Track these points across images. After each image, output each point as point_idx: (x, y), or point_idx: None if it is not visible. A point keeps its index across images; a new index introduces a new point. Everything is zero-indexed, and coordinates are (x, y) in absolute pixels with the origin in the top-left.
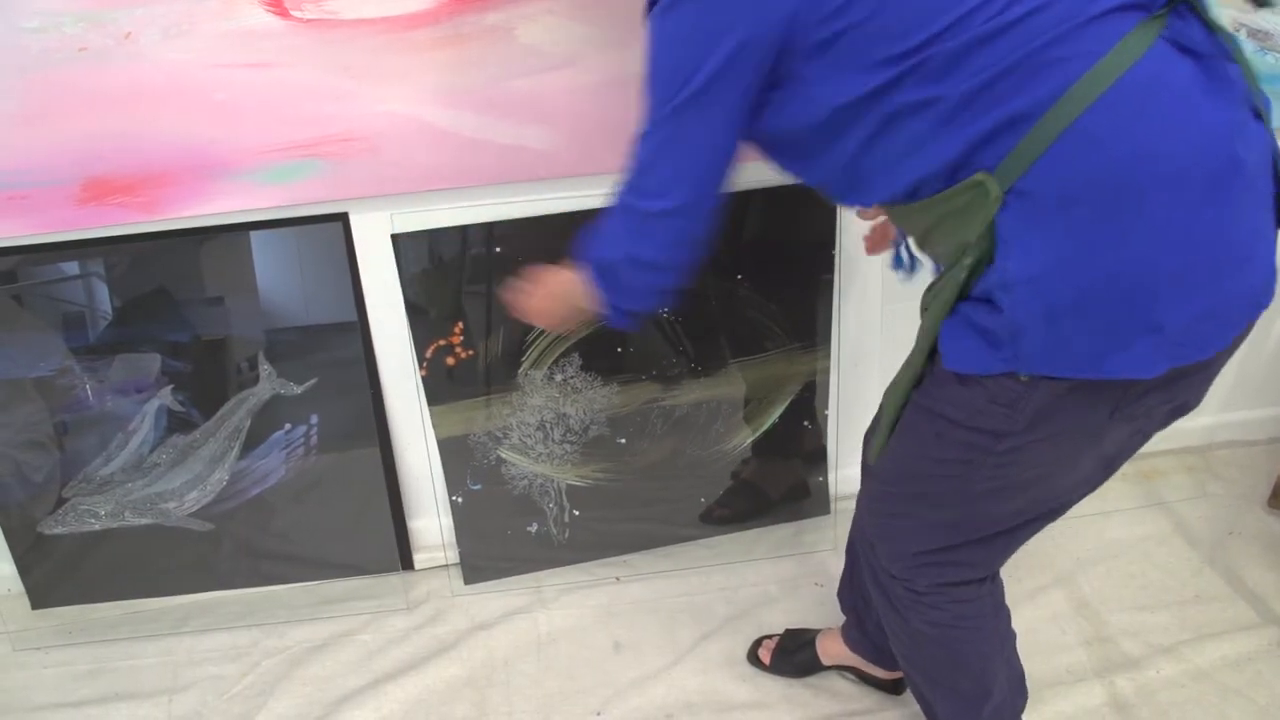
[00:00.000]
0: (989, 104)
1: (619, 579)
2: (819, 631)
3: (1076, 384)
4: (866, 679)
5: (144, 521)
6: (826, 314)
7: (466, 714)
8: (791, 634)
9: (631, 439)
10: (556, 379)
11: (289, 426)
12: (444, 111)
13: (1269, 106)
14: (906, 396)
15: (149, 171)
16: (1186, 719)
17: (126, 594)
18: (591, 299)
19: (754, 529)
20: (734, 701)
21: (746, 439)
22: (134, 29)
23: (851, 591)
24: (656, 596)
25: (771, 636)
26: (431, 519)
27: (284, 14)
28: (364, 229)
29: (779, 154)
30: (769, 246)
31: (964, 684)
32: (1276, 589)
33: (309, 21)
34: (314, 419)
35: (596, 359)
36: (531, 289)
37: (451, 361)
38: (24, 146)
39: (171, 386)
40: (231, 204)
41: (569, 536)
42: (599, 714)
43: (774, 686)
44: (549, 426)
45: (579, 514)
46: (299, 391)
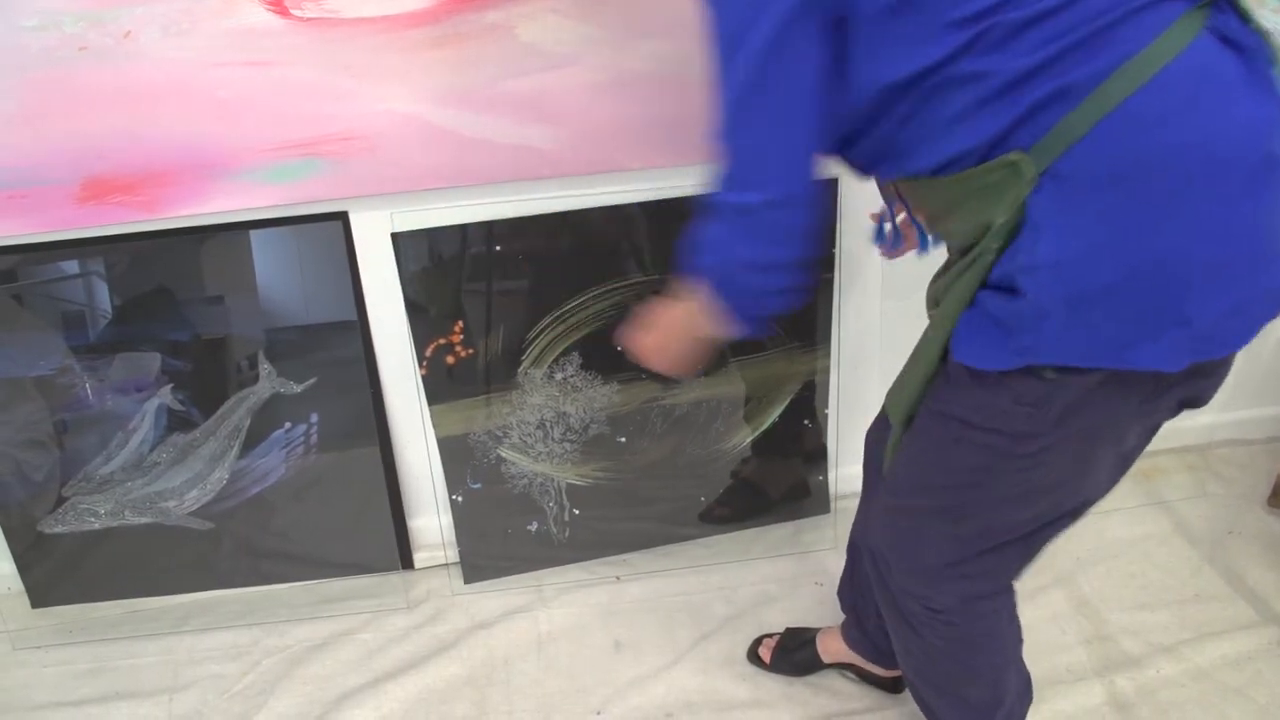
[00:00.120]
0: (1040, 81)
1: (619, 578)
2: (819, 630)
3: (1106, 378)
4: (866, 677)
5: (144, 520)
6: (826, 313)
7: (466, 713)
8: (791, 633)
9: (631, 438)
10: (556, 378)
11: (289, 425)
12: (444, 110)
13: None
14: (918, 400)
15: (149, 170)
16: (1187, 718)
17: (126, 593)
18: (711, 313)
19: (754, 528)
20: (734, 700)
21: (746, 438)
22: (134, 28)
23: (852, 590)
24: (656, 596)
25: (771, 635)
26: (431, 518)
27: (284, 13)
28: (364, 228)
29: None
30: None
31: (975, 694)
32: (1276, 588)
33: (309, 20)
34: (314, 418)
35: (596, 358)
36: (646, 329)
37: (451, 360)
38: (24, 145)
39: (171, 385)
40: (231, 203)
41: (569, 535)
42: (599, 713)
43: (774, 685)
44: (549, 425)
45: (579, 513)
46: (299, 390)
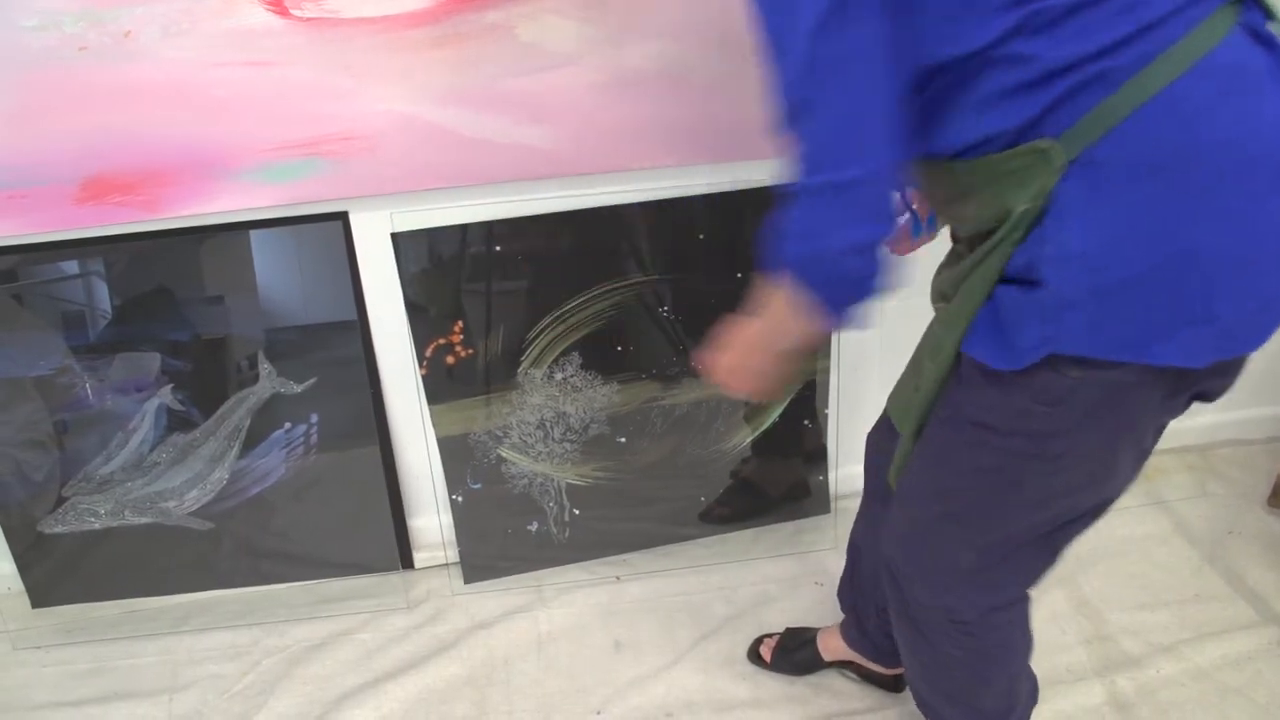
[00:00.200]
0: (1081, 67)
1: (619, 578)
2: (819, 629)
3: (1128, 375)
4: (867, 675)
5: (144, 520)
6: None
7: (466, 713)
8: (792, 632)
9: (632, 438)
10: (556, 378)
11: (289, 425)
12: (444, 110)
13: None
14: (932, 403)
15: (148, 170)
16: (1187, 718)
17: (126, 593)
18: (801, 313)
19: (754, 528)
20: (734, 700)
21: (746, 438)
22: (134, 27)
23: (851, 590)
24: (656, 596)
25: (772, 635)
26: (431, 518)
27: (284, 13)
28: (364, 228)
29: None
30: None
31: (990, 703)
32: (1276, 588)
33: (309, 20)
34: (314, 418)
35: (596, 358)
36: (722, 349)
37: (451, 360)
38: (23, 145)
39: (171, 385)
40: (231, 203)
41: (569, 535)
42: (599, 713)
43: (774, 685)
44: (549, 425)
45: (579, 513)
46: (299, 390)
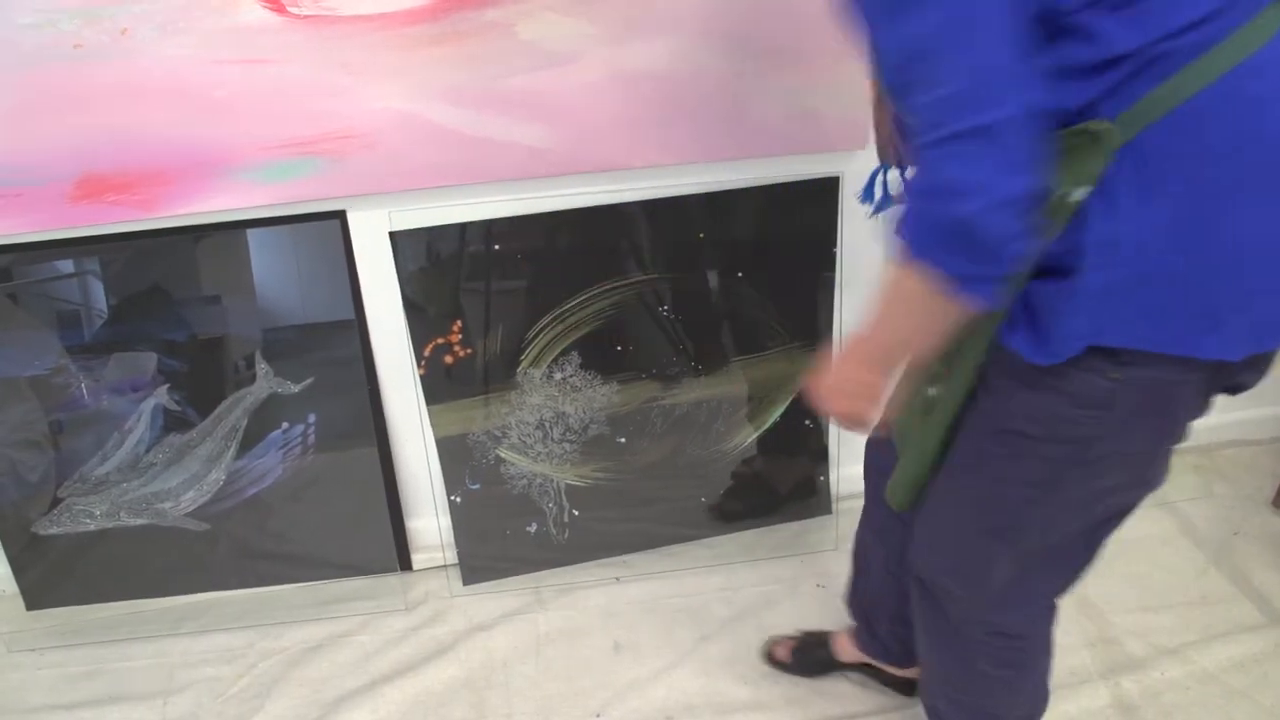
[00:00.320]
0: (1144, 52)
1: (618, 579)
2: (834, 631)
3: (1170, 371)
4: (883, 678)
5: (140, 522)
6: (828, 312)
7: (465, 715)
8: (808, 633)
9: (631, 438)
10: (555, 378)
11: (286, 426)
12: (442, 108)
13: None
14: (953, 421)
15: (145, 169)
16: None
17: (122, 595)
18: (933, 292)
19: (755, 529)
20: (734, 703)
21: (747, 438)
22: (130, 25)
23: (861, 598)
24: (656, 597)
25: (784, 637)
26: (430, 519)
27: (281, 10)
28: (362, 226)
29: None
30: (770, 243)
31: (1013, 712)
32: None
33: (306, 18)
34: (311, 418)
35: (596, 357)
36: (828, 368)
37: (450, 360)
38: (18, 144)
39: (168, 385)
40: (228, 201)
41: (568, 537)
42: (598, 715)
43: (774, 688)
44: (548, 425)
45: (578, 514)
46: (296, 390)
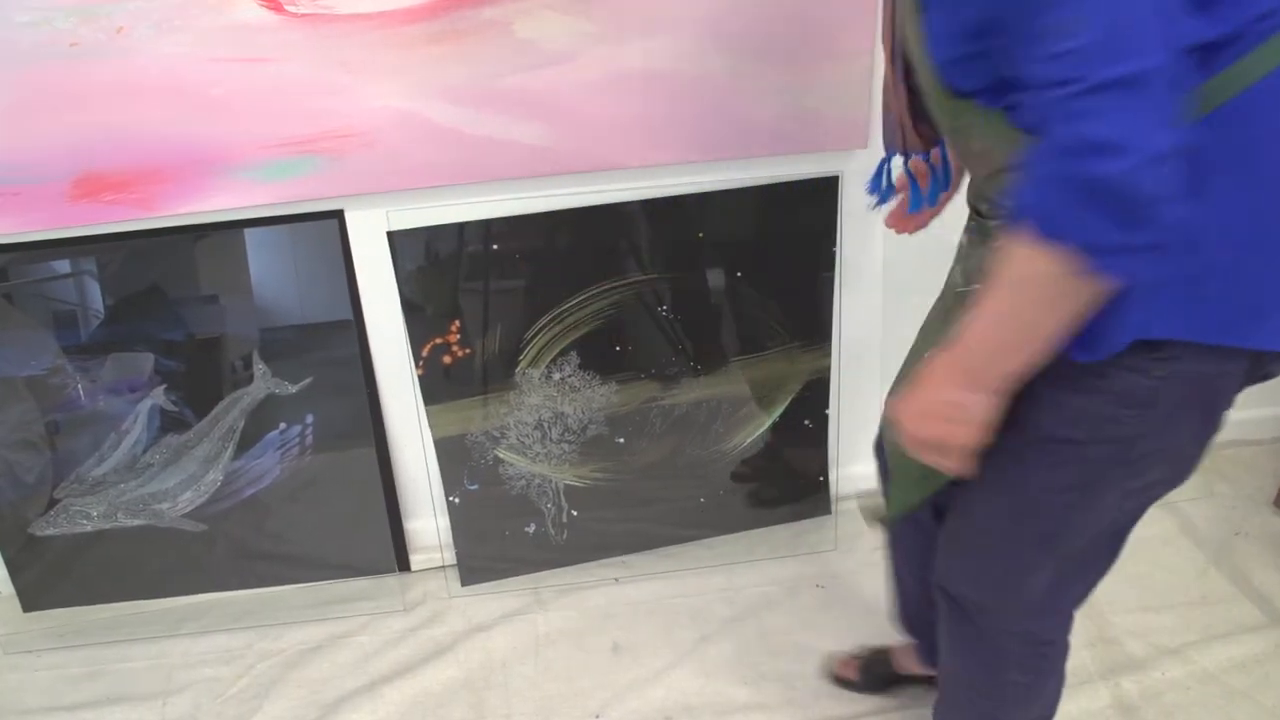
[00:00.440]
0: (1217, 43)
1: (618, 580)
2: (892, 647)
3: (1214, 364)
4: None
5: (137, 523)
6: (828, 311)
7: (464, 716)
8: (872, 650)
9: (630, 438)
10: (554, 378)
11: (284, 426)
12: (441, 107)
13: None
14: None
15: (142, 168)
16: None
17: (120, 596)
18: (1065, 272)
19: (755, 529)
20: (734, 704)
21: (747, 438)
22: (126, 24)
23: (905, 615)
24: (656, 598)
25: (849, 654)
26: (428, 519)
27: (278, 8)
28: (360, 226)
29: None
30: (769, 243)
31: (1027, 715)
32: None
33: (303, 16)
34: (309, 418)
35: (595, 357)
36: (912, 396)
37: (448, 360)
38: (15, 143)
39: (165, 386)
40: (226, 201)
41: (567, 537)
42: (598, 716)
43: (775, 689)
44: (547, 426)
45: (577, 514)
46: (294, 391)
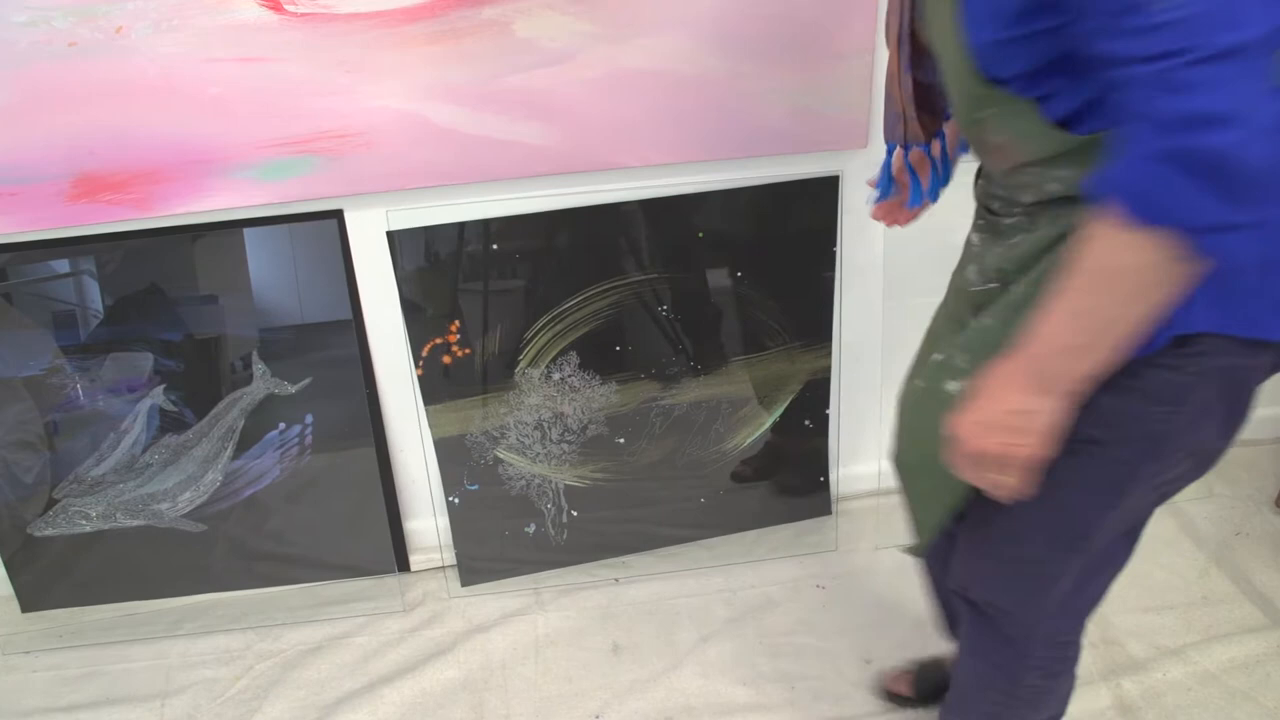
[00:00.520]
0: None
1: (618, 580)
2: (944, 657)
3: (1245, 358)
4: None
5: (136, 523)
6: (828, 311)
7: (464, 717)
8: (921, 662)
9: (630, 438)
10: (554, 378)
11: (283, 426)
12: (440, 107)
13: None
14: None
15: (141, 168)
16: None
17: (118, 596)
18: (1152, 252)
19: (755, 530)
20: (734, 704)
21: (747, 438)
22: (125, 23)
23: (951, 626)
24: (656, 598)
25: (900, 670)
26: (428, 520)
27: (277, 8)
28: (359, 226)
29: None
30: (769, 243)
31: (1039, 716)
32: None
33: (302, 16)
34: (309, 419)
35: (594, 357)
36: (973, 405)
37: (448, 360)
38: (13, 143)
39: (164, 386)
40: (225, 200)
41: (567, 537)
42: (598, 717)
43: (774, 690)
44: (547, 426)
45: (577, 514)
46: (293, 391)
